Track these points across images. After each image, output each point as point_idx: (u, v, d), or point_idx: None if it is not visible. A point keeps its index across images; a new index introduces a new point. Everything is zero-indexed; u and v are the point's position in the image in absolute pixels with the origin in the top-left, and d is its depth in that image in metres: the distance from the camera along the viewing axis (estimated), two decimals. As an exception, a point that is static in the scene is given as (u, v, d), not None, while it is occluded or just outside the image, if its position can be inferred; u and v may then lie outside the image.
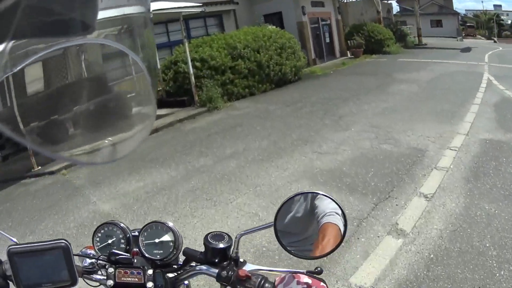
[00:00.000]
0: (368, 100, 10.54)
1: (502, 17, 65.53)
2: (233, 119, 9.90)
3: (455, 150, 6.27)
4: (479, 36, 54.88)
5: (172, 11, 11.20)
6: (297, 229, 1.27)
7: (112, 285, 1.24)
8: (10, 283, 1.18)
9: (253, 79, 12.98)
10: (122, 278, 1.24)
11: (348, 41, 23.66)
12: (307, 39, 19.60)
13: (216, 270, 1.20)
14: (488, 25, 58.19)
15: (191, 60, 11.68)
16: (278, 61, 13.67)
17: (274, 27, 15.18)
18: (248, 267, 1.20)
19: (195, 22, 16.58)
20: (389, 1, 31.83)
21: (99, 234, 1.37)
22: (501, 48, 30.16)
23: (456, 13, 55.45)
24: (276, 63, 13.57)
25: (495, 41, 43.32)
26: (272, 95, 12.79)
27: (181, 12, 11.64)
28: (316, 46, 21.23)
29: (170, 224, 1.30)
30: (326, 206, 1.21)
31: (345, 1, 27.83)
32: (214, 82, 11.97)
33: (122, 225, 1.37)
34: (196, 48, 12.48)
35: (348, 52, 23.59)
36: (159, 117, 10.56)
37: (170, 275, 1.26)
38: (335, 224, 1.18)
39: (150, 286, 1.22)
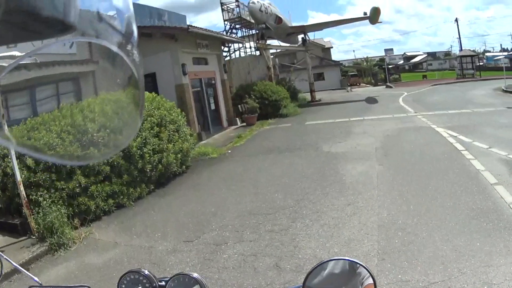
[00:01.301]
0: (331, 209, 6.80)
1: (392, 61, 70.99)
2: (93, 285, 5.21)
3: None
4: (364, 84, 57.72)
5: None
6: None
7: None
8: None
9: (119, 180, 8.71)
10: None
11: (239, 106, 20.85)
12: (190, 107, 16.13)
13: None
14: (372, 71, 61.81)
15: (18, 158, 7.31)
16: (157, 145, 9.77)
17: (147, 92, 11.30)
18: None
19: (44, 90, 12.13)
20: (271, 56, 30.52)
21: (125, 281, 1.45)
22: (406, 93, 30.67)
23: (338, 64, 57.99)
24: (154, 150, 9.65)
25: (389, 86, 44.89)
26: (155, 206, 8.45)
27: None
28: (200, 116, 17.90)
29: (198, 276, 1.38)
30: (365, 272, 1.26)
31: (230, 54, 25.57)
32: (56, 194, 7.63)
33: (147, 273, 1.44)
34: (29, 133, 8.04)
35: (237, 119, 20.73)
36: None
37: None
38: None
39: None
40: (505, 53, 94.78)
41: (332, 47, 64.27)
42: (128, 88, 0.87)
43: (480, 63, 50.62)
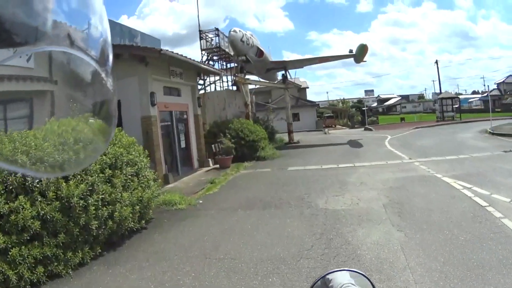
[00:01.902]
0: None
1: (372, 102, 71.11)
2: None
3: None
4: (339, 126, 56.87)
5: None
6: None
7: None
8: None
9: (53, 240, 6.38)
10: None
11: (213, 146, 18.71)
12: (156, 143, 13.95)
13: None
14: (349, 113, 61.21)
15: None
16: (108, 194, 7.44)
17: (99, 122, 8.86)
18: None
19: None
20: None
21: None
22: (389, 137, 29.51)
23: (315, 104, 56.98)
24: (104, 201, 7.31)
25: (368, 129, 43.56)
26: (100, 282, 6.02)
27: None
28: (168, 155, 15.71)
29: None
30: (342, 278, 1.30)
31: (205, 87, 23.63)
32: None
33: None
34: None
35: (210, 160, 18.57)
36: None
37: None
38: None
39: None
40: (479, 95, 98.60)
41: (308, 87, 63.62)
42: (90, 116, 0.92)
43: (455, 106, 50.47)
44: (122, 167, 7.96)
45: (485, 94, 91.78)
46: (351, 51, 27.24)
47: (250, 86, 27.47)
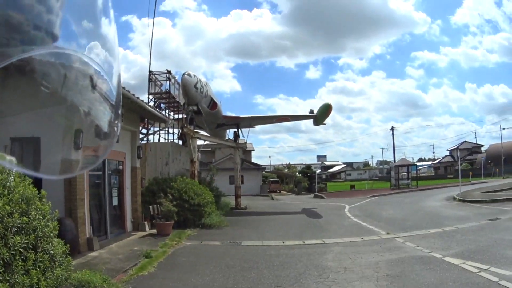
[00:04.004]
0: None
1: (314, 169, 70.22)
2: None
3: None
4: (284, 192, 55.31)
5: None
6: None
7: None
8: None
9: None
10: None
11: (150, 207, 15.60)
12: (80, 198, 10.92)
13: None
14: (295, 178, 59.97)
15: None
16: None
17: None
18: None
19: None
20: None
21: None
22: (347, 206, 27.21)
23: (260, 168, 55.12)
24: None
25: (319, 196, 41.41)
26: None
27: None
28: (95, 213, 12.59)
29: None
30: None
31: (148, 136, 20.70)
32: None
33: None
34: None
35: (146, 223, 15.42)
36: None
37: None
38: None
39: None
40: (430, 162, 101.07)
41: (254, 150, 61.85)
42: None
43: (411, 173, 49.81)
44: (7, 236, 4.89)
45: (437, 161, 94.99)
46: (311, 111, 25.44)
47: (198, 142, 24.76)
